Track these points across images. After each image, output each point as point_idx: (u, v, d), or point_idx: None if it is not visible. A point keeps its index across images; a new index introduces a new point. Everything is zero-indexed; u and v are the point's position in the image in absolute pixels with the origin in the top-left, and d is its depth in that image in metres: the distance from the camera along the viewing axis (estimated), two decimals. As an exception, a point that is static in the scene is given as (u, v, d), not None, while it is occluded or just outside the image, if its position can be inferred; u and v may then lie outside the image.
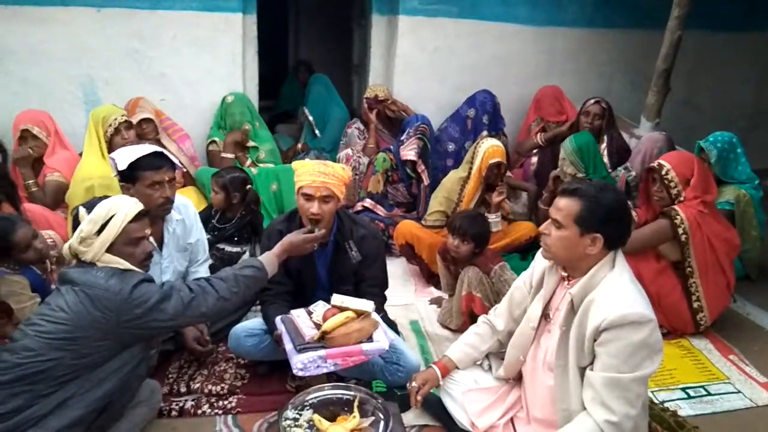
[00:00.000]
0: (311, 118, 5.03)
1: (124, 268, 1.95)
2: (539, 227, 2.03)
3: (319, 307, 2.39)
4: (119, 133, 3.55)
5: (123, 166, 2.47)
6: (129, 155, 2.49)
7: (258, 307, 2.72)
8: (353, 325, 2.22)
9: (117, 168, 2.50)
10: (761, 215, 3.56)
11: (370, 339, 2.25)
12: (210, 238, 3.29)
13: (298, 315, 2.37)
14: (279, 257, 2.29)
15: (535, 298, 2.09)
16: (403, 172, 4.20)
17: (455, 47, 4.90)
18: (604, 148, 4.09)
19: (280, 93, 6.88)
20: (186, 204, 2.86)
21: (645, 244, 3.00)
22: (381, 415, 2.11)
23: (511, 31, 4.95)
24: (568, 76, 5.08)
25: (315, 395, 2.23)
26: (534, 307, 2.07)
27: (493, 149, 3.58)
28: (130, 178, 2.49)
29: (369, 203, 4.17)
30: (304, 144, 5.07)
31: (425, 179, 4.16)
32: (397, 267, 3.79)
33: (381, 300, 2.71)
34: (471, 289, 2.92)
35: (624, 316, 1.73)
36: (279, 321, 2.37)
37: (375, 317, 2.33)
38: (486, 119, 4.62)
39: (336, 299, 2.29)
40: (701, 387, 2.70)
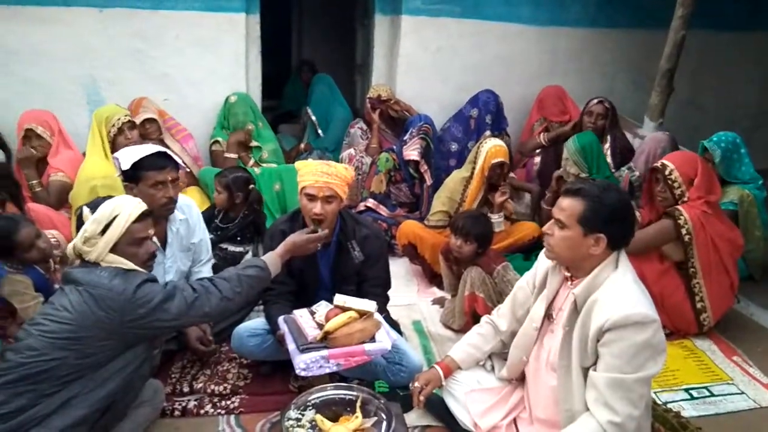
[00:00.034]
0: (314, 118, 5.03)
1: (127, 268, 1.95)
2: (542, 227, 2.02)
3: (322, 307, 2.39)
4: (122, 133, 3.55)
5: (126, 166, 2.47)
6: (132, 155, 2.49)
7: (261, 307, 2.73)
8: (356, 326, 2.21)
9: (120, 168, 2.50)
10: (765, 215, 3.54)
11: (372, 339, 2.25)
12: (213, 237, 3.30)
13: (300, 315, 2.37)
14: (282, 257, 2.29)
15: (538, 298, 2.08)
16: (406, 172, 4.20)
17: (458, 47, 4.89)
18: (607, 148, 4.08)
19: (283, 93, 6.87)
20: (189, 204, 2.86)
21: (648, 244, 2.99)
22: (383, 416, 2.11)
23: (514, 31, 4.93)
24: (571, 75, 5.06)
25: (317, 395, 2.23)
26: (537, 308, 2.07)
27: (496, 149, 3.58)
28: (133, 178, 2.49)
29: (372, 203, 4.16)
30: (307, 144, 5.07)
31: (428, 179, 4.16)
32: (400, 267, 3.79)
33: (384, 300, 2.71)
34: (474, 290, 2.91)
35: (627, 316, 1.72)
36: (282, 321, 2.37)
37: (377, 317, 2.33)
38: (489, 119, 4.61)
39: (339, 299, 2.29)
40: (704, 388, 2.69)
